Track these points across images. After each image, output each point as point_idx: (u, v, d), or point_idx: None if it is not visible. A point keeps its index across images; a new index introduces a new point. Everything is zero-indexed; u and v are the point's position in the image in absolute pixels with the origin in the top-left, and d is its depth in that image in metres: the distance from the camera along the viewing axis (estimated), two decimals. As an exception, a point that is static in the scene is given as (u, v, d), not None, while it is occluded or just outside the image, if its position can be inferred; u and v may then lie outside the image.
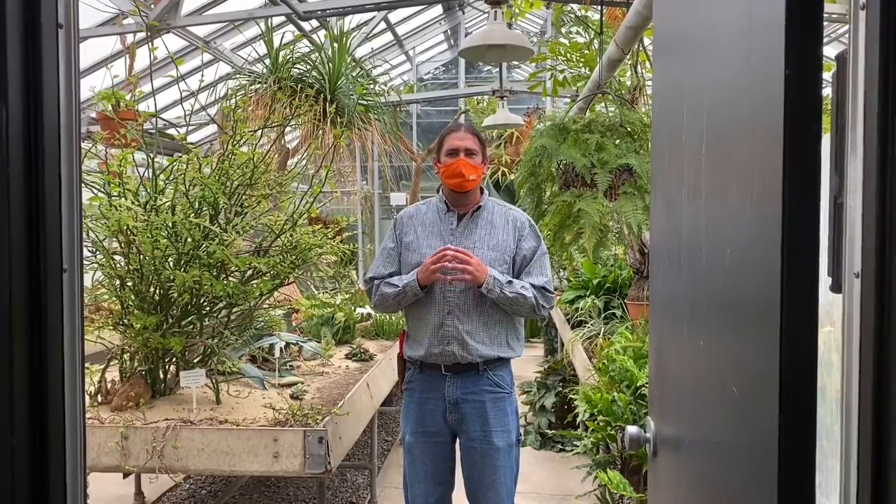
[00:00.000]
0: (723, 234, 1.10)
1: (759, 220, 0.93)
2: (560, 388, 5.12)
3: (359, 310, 4.71)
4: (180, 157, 2.65)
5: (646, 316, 3.69)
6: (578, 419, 2.78)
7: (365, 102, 4.99)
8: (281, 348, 3.35)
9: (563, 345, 5.42)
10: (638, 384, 2.51)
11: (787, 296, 0.85)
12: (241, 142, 2.74)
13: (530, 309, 2.52)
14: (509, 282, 2.48)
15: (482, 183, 2.68)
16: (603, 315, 4.40)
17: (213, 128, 6.83)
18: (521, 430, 2.70)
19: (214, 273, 2.65)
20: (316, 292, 4.50)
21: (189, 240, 2.58)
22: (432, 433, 2.58)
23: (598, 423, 2.53)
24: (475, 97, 9.86)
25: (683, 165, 1.34)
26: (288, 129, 6.36)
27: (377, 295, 2.62)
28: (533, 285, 2.54)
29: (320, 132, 4.64)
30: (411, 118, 10.33)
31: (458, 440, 2.63)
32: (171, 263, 2.69)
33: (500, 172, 9.24)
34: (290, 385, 3.12)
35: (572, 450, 2.82)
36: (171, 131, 5.22)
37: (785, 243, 0.85)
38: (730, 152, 1.07)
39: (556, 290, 6.82)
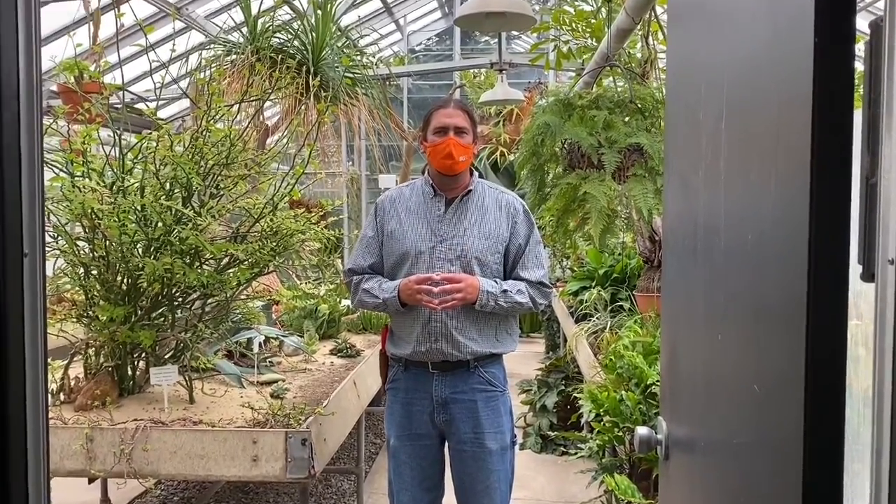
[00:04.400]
0: (743, 217, 1.10)
1: (784, 202, 0.93)
2: (563, 387, 5.12)
3: (344, 301, 4.69)
4: (150, 133, 2.63)
5: (656, 309, 3.70)
6: (583, 420, 2.79)
7: (351, 75, 4.97)
8: (260, 343, 3.35)
9: (566, 340, 5.43)
10: (648, 382, 2.52)
11: (815, 285, 0.85)
12: (217, 117, 2.72)
13: (526, 311, 2.60)
14: (504, 291, 2.50)
15: (473, 164, 2.67)
16: (609, 308, 4.39)
17: (185, 102, 6.79)
18: (519, 432, 2.72)
19: (187, 261, 2.64)
20: (298, 282, 4.49)
21: (160, 224, 2.57)
22: (419, 436, 2.59)
23: (604, 425, 2.55)
24: (471, 70, 9.82)
25: (700, 144, 1.33)
26: (268, 104, 6.31)
27: (357, 298, 2.65)
28: (529, 283, 2.57)
29: (303, 108, 4.61)
30: (402, 93, 10.28)
31: (447, 443, 2.64)
32: (140, 250, 2.67)
33: (498, 153, 9.23)
34: (270, 383, 3.12)
35: (576, 453, 2.83)
36: (140, 106, 5.19)
37: (812, 227, 0.84)
38: (752, 129, 1.07)
39: (558, 280, 6.86)
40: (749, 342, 1.08)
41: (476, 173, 2.70)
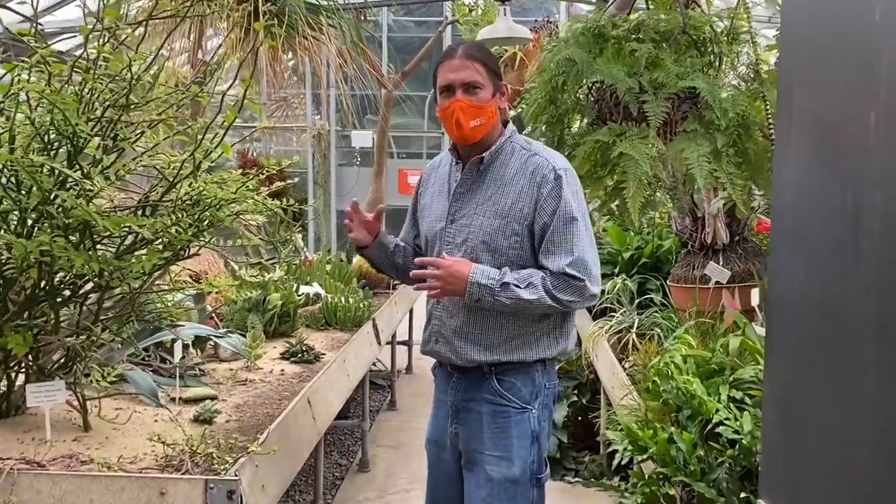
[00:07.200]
0: None
1: None
2: (576, 398, 4.90)
3: (303, 289, 4.29)
4: (20, 63, 2.23)
5: (697, 304, 3.37)
6: (615, 462, 2.42)
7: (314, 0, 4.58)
8: (185, 345, 2.98)
9: (580, 341, 5.13)
10: (711, 418, 2.13)
11: None
12: (118, 41, 2.30)
13: (546, 310, 2.29)
14: (504, 285, 2.22)
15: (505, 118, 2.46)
16: (636, 301, 4.19)
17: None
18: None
19: (74, 239, 2.29)
20: (238, 267, 4.08)
21: (35, 189, 2.22)
22: (437, 444, 2.59)
23: (648, 476, 2.16)
24: (466, 2, 9.41)
25: (870, 70, 0.94)
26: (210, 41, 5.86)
27: None
28: (550, 273, 2.25)
29: (252, 43, 4.22)
30: (381, 31, 9.91)
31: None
32: (13, 225, 2.34)
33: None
34: (196, 400, 2.78)
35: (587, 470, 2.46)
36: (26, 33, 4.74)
37: None
38: None
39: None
40: None
41: (510, 127, 2.44)
